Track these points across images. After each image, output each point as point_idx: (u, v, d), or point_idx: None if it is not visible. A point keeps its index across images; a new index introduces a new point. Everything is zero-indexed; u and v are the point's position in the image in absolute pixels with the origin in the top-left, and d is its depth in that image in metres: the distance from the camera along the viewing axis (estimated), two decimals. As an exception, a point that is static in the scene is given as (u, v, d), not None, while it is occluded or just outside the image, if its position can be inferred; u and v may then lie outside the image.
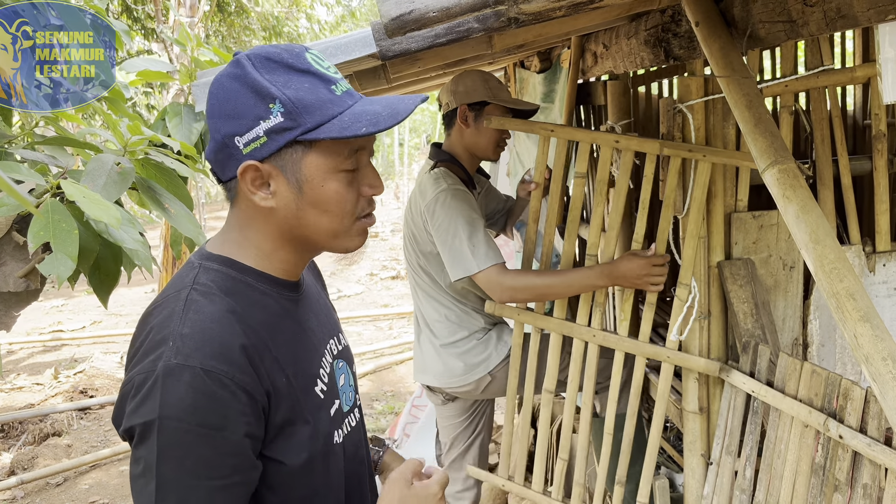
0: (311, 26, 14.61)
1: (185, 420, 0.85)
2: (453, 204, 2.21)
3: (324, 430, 1.03)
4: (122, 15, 9.64)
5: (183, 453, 0.86)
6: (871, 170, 2.18)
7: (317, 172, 0.97)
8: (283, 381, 0.97)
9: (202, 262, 1.01)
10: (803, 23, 1.42)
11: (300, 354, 1.04)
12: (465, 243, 2.16)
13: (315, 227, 1.01)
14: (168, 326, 0.91)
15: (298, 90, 0.94)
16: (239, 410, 0.89)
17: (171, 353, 0.87)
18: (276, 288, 1.03)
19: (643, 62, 2.15)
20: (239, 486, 0.91)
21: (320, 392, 1.05)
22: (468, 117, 2.35)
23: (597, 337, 2.22)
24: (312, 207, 0.99)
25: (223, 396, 0.88)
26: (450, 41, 1.39)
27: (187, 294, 0.95)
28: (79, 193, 1.22)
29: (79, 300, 9.73)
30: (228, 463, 0.89)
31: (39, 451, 4.80)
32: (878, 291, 2.15)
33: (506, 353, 2.45)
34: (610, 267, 2.08)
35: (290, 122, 0.93)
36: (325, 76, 0.97)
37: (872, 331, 1.23)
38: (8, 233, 1.27)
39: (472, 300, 2.46)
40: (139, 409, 0.87)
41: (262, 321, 0.98)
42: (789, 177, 1.39)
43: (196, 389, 0.86)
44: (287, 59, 0.95)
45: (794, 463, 1.81)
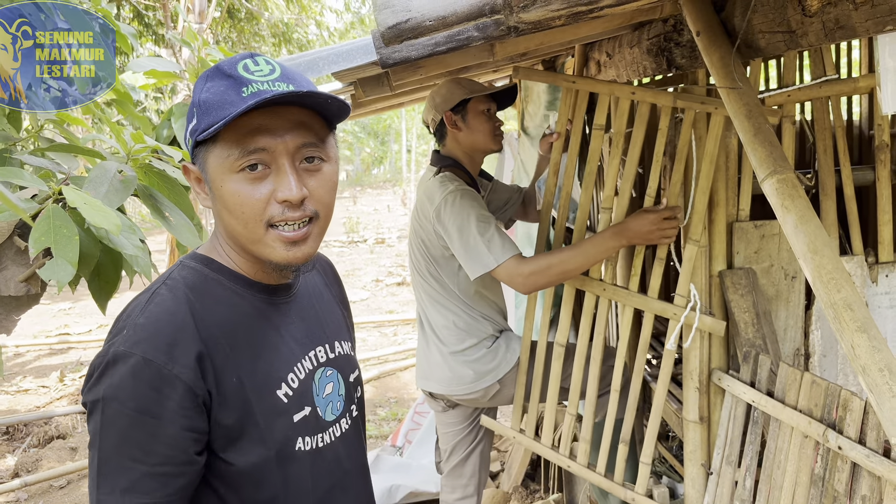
0: (321, 33, 14.68)
1: (124, 403, 0.91)
2: (463, 203, 2.21)
3: (279, 435, 1.03)
4: (133, 21, 9.71)
5: (120, 434, 0.91)
6: (875, 180, 2.18)
7: (216, 172, 0.98)
8: (234, 381, 0.99)
9: (184, 260, 1.06)
10: (802, 33, 1.42)
11: (264, 357, 1.04)
12: (480, 240, 2.15)
13: (232, 230, 1.01)
14: (130, 317, 0.97)
15: (210, 93, 0.96)
16: (177, 402, 0.92)
17: (122, 340, 0.93)
18: (249, 289, 1.05)
19: (646, 71, 2.16)
20: (172, 477, 0.93)
21: (283, 396, 1.05)
22: (456, 121, 2.39)
23: (607, 291, 2.25)
24: (223, 208, 0.99)
25: (160, 387, 0.92)
26: (450, 49, 1.40)
27: (156, 288, 0.99)
28: (80, 200, 1.24)
29: (85, 304, 9.78)
30: (161, 451, 0.92)
31: (44, 453, 4.82)
32: (880, 302, 2.15)
33: (514, 362, 2.46)
34: (622, 225, 2.07)
35: (196, 125, 0.97)
36: (241, 79, 0.95)
37: (869, 341, 1.23)
38: (9, 237, 1.28)
39: (481, 306, 2.47)
40: (92, 389, 0.93)
41: (223, 320, 1.00)
42: (788, 187, 1.39)
43: (136, 377, 0.91)
44: (224, 65, 0.97)
45: (794, 474, 1.80)
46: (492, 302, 2.52)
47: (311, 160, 1.00)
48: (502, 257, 2.13)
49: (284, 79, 0.97)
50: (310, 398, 1.09)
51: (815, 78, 2.10)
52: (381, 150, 32.74)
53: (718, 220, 2.06)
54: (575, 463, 2.39)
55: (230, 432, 0.98)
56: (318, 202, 1.00)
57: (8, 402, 5.94)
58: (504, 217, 2.84)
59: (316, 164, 1.00)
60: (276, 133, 0.95)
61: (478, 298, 2.47)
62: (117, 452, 0.91)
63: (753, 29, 1.56)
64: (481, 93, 2.37)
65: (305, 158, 0.99)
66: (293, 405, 1.06)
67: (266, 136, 0.95)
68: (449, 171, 2.37)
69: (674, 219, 2.03)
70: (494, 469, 4.21)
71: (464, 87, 2.37)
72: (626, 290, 2.22)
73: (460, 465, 2.73)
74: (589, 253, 2.09)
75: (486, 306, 2.49)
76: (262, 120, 0.95)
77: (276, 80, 0.96)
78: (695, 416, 2.12)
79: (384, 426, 5.37)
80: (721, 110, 1.94)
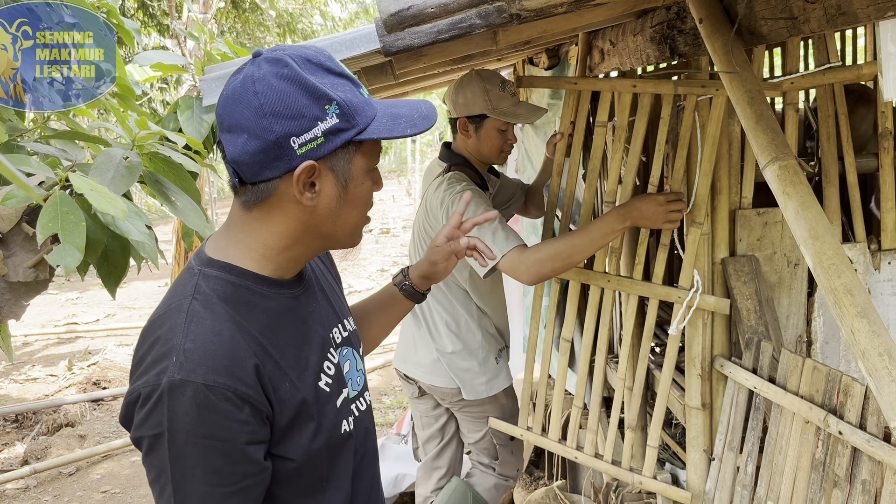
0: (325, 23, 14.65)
1: (191, 433, 0.89)
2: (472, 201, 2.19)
3: (329, 423, 1.06)
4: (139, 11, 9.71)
5: (193, 464, 0.89)
6: (878, 168, 2.18)
7: (359, 171, 1.02)
8: (287, 386, 0.99)
9: (202, 268, 1.01)
10: (804, 20, 1.42)
11: (303, 353, 1.05)
12: (487, 234, 2.13)
13: (344, 223, 1.05)
14: (171, 340, 0.93)
15: (345, 92, 0.97)
16: (243, 420, 0.92)
17: (174, 369, 0.90)
18: (274, 289, 1.04)
19: (649, 59, 2.16)
20: (251, 489, 0.94)
21: (325, 386, 1.07)
22: (469, 129, 2.38)
23: (611, 282, 2.26)
24: (349, 204, 1.03)
25: (226, 409, 0.90)
26: (452, 37, 1.40)
27: (189, 305, 0.96)
28: (87, 186, 1.25)
29: (93, 293, 9.83)
30: (238, 470, 0.92)
31: (53, 441, 4.87)
32: (882, 289, 2.15)
33: (493, 393, 2.53)
34: (627, 207, 2.03)
35: (345, 124, 0.97)
36: (354, 79, 1.01)
37: (869, 326, 1.24)
38: (18, 224, 1.30)
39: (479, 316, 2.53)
40: (147, 421, 0.90)
41: (264, 326, 1.00)
42: (790, 173, 1.40)
43: (199, 404, 0.89)
44: (323, 61, 0.98)
45: (795, 459, 1.81)
46: (489, 317, 2.55)
47: None
48: (505, 248, 2.09)
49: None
50: (343, 380, 1.13)
51: (818, 65, 2.09)
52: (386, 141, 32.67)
53: (721, 208, 2.07)
54: (582, 454, 2.40)
55: (288, 432, 1.00)
56: None
57: (17, 391, 6.00)
58: (507, 214, 2.83)
59: None
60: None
61: (479, 307, 2.51)
62: (193, 481, 0.90)
63: (756, 16, 1.57)
64: (503, 117, 2.33)
65: None
66: (334, 391, 1.09)
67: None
68: (458, 171, 2.37)
69: (679, 202, 2.02)
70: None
71: (489, 101, 2.32)
72: (631, 279, 2.23)
73: (435, 456, 2.75)
74: (593, 236, 2.02)
75: (485, 318, 2.53)
76: None
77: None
78: (697, 403, 2.13)
79: (389, 414, 5.40)
80: (722, 92, 1.94)
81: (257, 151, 0.95)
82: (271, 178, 0.97)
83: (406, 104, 1.03)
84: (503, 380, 2.58)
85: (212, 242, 1.06)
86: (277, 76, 0.94)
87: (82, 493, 4.30)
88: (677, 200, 2.01)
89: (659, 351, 2.80)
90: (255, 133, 0.94)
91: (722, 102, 1.96)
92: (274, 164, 0.96)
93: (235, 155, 0.96)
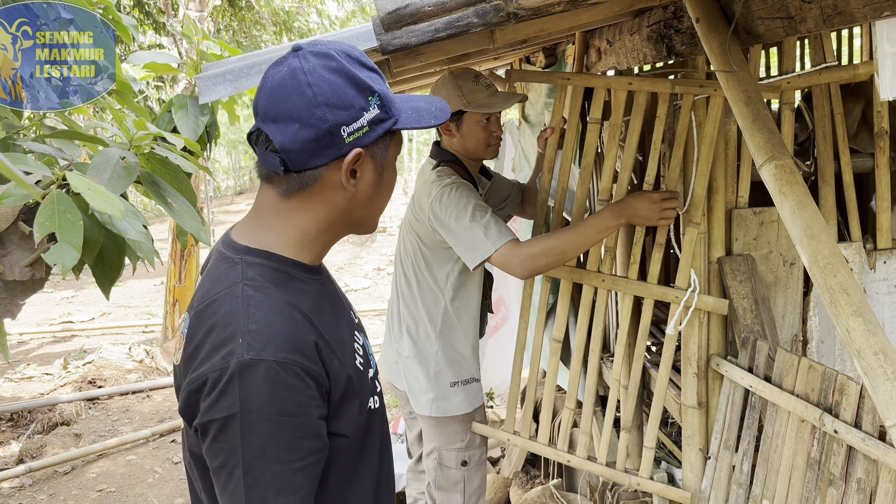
0: (322, 21, 14.63)
1: (264, 411, 0.91)
2: (459, 194, 2.18)
3: (366, 399, 1.11)
4: (134, 9, 9.68)
5: (265, 442, 0.92)
6: (874, 167, 2.18)
7: (392, 159, 1.09)
8: (336, 363, 1.03)
9: (241, 256, 1.04)
10: (801, 19, 1.43)
11: (340, 333, 1.10)
12: (477, 227, 2.11)
13: (376, 209, 1.12)
14: (232, 323, 0.95)
15: (381, 85, 1.04)
16: (311, 395, 0.96)
17: (242, 349, 0.92)
18: (309, 274, 1.09)
19: (646, 58, 2.16)
20: (315, 466, 0.97)
21: (360, 365, 1.12)
22: (451, 128, 2.34)
23: (606, 282, 2.25)
24: (382, 190, 1.10)
25: (296, 385, 0.94)
26: (449, 36, 1.40)
27: (241, 290, 0.99)
28: (84, 185, 1.25)
29: (89, 292, 9.81)
30: (306, 446, 0.95)
31: (48, 439, 4.86)
32: (878, 289, 2.16)
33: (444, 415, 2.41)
34: (621, 204, 2.03)
35: (385, 114, 1.04)
36: (381, 74, 1.06)
37: (865, 325, 1.24)
38: (14, 223, 1.29)
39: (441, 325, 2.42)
40: (218, 404, 0.92)
41: (311, 308, 1.04)
42: (786, 172, 1.40)
43: (271, 381, 0.92)
44: (359, 56, 1.04)
45: (791, 457, 1.82)
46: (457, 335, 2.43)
47: None
48: (498, 243, 2.07)
49: None
50: (368, 360, 1.18)
51: (814, 65, 2.10)
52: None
53: (717, 207, 2.07)
54: (574, 457, 2.38)
55: (340, 407, 1.03)
56: None
57: (12, 389, 5.98)
58: (502, 214, 2.78)
59: None
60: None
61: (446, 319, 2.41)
62: (264, 459, 0.92)
63: (752, 15, 1.57)
64: (480, 109, 2.29)
65: None
66: (365, 369, 1.14)
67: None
68: (447, 166, 2.34)
69: (673, 200, 2.02)
70: (495, 455, 4.24)
71: (462, 95, 2.28)
72: (626, 278, 2.23)
73: (418, 460, 2.75)
74: (587, 233, 2.02)
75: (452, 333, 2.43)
76: None
77: None
78: (693, 402, 2.14)
79: (387, 413, 5.40)
80: (720, 92, 1.95)
81: (309, 140, 0.99)
82: (319, 165, 1.02)
83: (421, 99, 1.09)
84: (456, 406, 2.42)
85: (240, 231, 1.09)
86: (327, 69, 1.00)
87: (78, 491, 4.29)
88: (672, 198, 2.02)
89: (655, 350, 2.81)
90: (309, 122, 0.99)
91: (719, 102, 1.96)
92: (324, 151, 1.01)
93: (286, 143, 1.00)
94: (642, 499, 2.56)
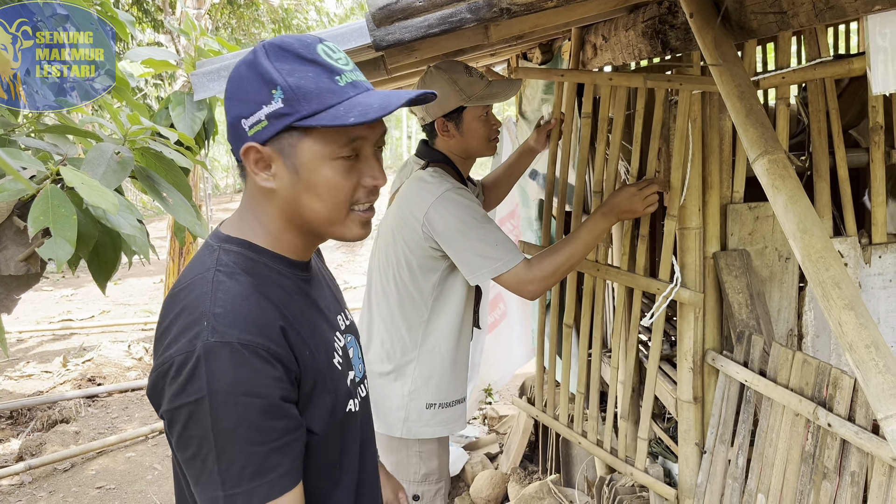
0: (321, 18, 14.62)
1: (232, 393, 0.91)
2: (463, 203, 2.04)
3: (342, 400, 1.10)
4: (132, 6, 9.68)
5: (235, 423, 0.91)
6: (868, 162, 2.19)
7: (311, 158, 1.00)
8: (308, 354, 1.03)
9: (220, 244, 1.06)
10: (793, 14, 1.43)
11: (318, 329, 1.09)
12: (487, 242, 2.00)
13: (311, 212, 1.04)
14: (199, 307, 0.96)
15: (301, 78, 0.98)
16: (277, 377, 0.95)
17: (208, 332, 0.93)
18: (290, 268, 1.09)
19: (641, 54, 2.16)
20: (292, 444, 0.97)
21: (338, 364, 1.12)
22: (448, 127, 2.17)
23: (600, 271, 2.34)
24: (306, 192, 1.02)
25: (262, 367, 0.93)
26: (443, 31, 1.40)
27: (213, 275, 1.00)
28: (78, 180, 1.25)
29: (88, 290, 9.81)
30: (278, 426, 0.95)
31: (47, 437, 4.86)
32: (873, 283, 2.16)
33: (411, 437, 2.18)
34: (607, 206, 2.06)
35: (289, 109, 0.97)
36: (331, 67, 1.00)
37: (857, 318, 1.25)
38: (9, 218, 1.30)
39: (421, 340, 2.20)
40: (186, 389, 0.92)
41: (282, 299, 1.03)
42: (779, 167, 1.41)
43: (237, 363, 0.92)
44: (298, 48, 0.99)
45: (785, 451, 1.83)
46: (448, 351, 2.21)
47: (380, 146, 1.08)
48: (512, 262, 1.99)
49: (355, 67, 1.04)
50: (350, 363, 1.17)
51: (809, 60, 2.10)
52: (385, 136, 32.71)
53: (712, 202, 2.08)
54: (586, 440, 2.52)
55: (311, 400, 1.03)
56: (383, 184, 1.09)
57: (11, 387, 5.99)
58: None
59: (381, 149, 1.09)
60: (371, 125, 1.02)
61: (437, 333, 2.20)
62: (236, 441, 0.91)
63: (745, 10, 1.57)
64: (480, 102, 2.14)
65: (377, 145, 1.07)
66: (344, 371, 1.13)
67: (366, 127, 1.02)
68: (439, 167, 2.18)
69: (652, 185, 2.07)
70: (493, 451, 4.24)
71: (460, 90, 2.12)
72: (617, 268, 2.29)
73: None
74: (586, 240, 2.04)
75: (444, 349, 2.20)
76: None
77: (354, 69, 1.03)
78: (689, 396, 2.14)
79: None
80: (687, 86, 2.01)
81: (228, 131, 1.04)
82: (238, 158, 1.04)
83: (385, 94, 1.02)
84: (429, 429, 2.19)
85: (228, 222, 1.12)
86: (245, 63, 1.01)
87: (77, 489, 4.30)
88: (649, 185, 2.07)
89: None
90: (226, 115, 1.04)
91: (687, 95, 2.02)
92: (236, 144, 1.03)
93: (228, 136, 1.05)
94: (639, 493, 2.57)
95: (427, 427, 2.19)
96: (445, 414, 2.22)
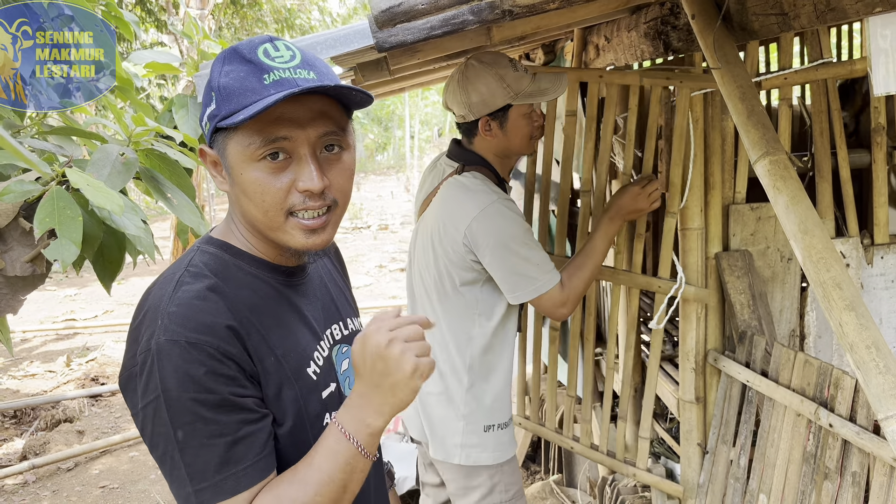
0: (324, 18, 14.64)
1: (184, 390, 0.90)
2: (510, 215, 1.93)
3: (312, 411, 1.06)
4: (136, 7, 9.70)
5: (192, 418, 0.91)
6: (871, 162, 2.19)
7: (236, 160, 0.97)
8: (272, 360, 1.01)
9: (200, 245, 1.05)
10: (795, 15, 1.43)
11: (292, 337, 1.06)
12: (532, 263, 1.92)
13: (251, 216, 1.01)
14: (159, 306, 0.95)
15: (230, 78, 0.95)
16: (229, 375, 0.94)
17: (160, 332, 0.92)
18: (269, 272, 1.06)
19: (643, 55, 2.17)
20: (255, 434, 0.95)
21: (313, 374, 1.08)
22: (492, 126, 1.99)
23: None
24: (242, 195, 0.99)
25: (211, 364, 0.92)
26: (445, 33, 1.41)
27: (180, 276, 0.99)
28: (83, 181, 1.26)
29: (91, 290, 9.84)
30: (235, 419, 0.94)
31: (51, 436, 4.88)
32: (875, 283, 2.17)
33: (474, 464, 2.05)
34: (612, 209, 2.06)
35: (216, 110, 0.96)
36: (262, 65, 0.95)
37: (857, 319, 1.25)
38: (15, 219, 1.31)
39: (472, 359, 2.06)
40: (147, 388, 0.92)
41: (250, 303, 1.02)
42: (780, 168, 1.41)
43: (186, 360, 0.91)
44: (242, 48, 0.97)
45: (787, 452, 1.83)
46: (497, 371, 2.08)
47: (331, 148, 1.00)
48: (550, 283, 1.93)
49: (306, 65, 0.97)
50: (333, 375, 1.13)
51: (811, 61, 2.10)
52: (385, 137, 32.70)
53: (714, 203, 2.08)
54: (578, 444, 2.44)
55: (274, 407, 1.01)
56: (337, 191, 1.01)
57: (15, 386, 6.01)
58: None
59: (336, 152, 1.00)
60: (298, 122, 0.95)
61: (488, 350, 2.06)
62: (195, 435, 0.91)
63: (747, 11, 1.58)
64: (529, 99, 1.97)
65: (325, 147, 0.99)
66: (321, 382, 1.10)
67: (289, 125, 0.95)
68: (477, 171, 2.03)
69: (653, 183, 2.07)
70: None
71: (507, 87, 1.94)
72: (612, 268, 2.28)
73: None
74: (602, 249, 2.03)
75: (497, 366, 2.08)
76: (285, 109, 0.94)
77: (298, 66, 0.96)
78: (691, 397, 2.15)
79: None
80: (686, 84, 2.01)
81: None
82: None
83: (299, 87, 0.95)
84: (490, 454, 2.06)
85: (219, 224, 1.11)
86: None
87: (81, 488, 4.31)
88: (650, 182, 2.07)
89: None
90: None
91: (686, 93, 2.02)
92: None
93: None
94: (641, 493, 2.58)
95: (486, 452, 2.06)
96: (504, 435, 2.09)
